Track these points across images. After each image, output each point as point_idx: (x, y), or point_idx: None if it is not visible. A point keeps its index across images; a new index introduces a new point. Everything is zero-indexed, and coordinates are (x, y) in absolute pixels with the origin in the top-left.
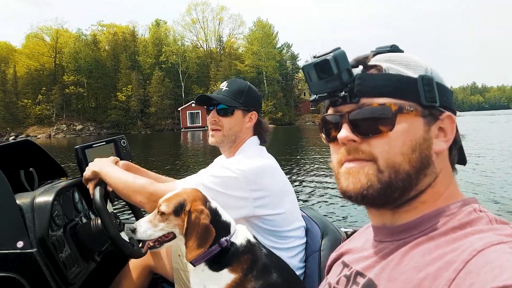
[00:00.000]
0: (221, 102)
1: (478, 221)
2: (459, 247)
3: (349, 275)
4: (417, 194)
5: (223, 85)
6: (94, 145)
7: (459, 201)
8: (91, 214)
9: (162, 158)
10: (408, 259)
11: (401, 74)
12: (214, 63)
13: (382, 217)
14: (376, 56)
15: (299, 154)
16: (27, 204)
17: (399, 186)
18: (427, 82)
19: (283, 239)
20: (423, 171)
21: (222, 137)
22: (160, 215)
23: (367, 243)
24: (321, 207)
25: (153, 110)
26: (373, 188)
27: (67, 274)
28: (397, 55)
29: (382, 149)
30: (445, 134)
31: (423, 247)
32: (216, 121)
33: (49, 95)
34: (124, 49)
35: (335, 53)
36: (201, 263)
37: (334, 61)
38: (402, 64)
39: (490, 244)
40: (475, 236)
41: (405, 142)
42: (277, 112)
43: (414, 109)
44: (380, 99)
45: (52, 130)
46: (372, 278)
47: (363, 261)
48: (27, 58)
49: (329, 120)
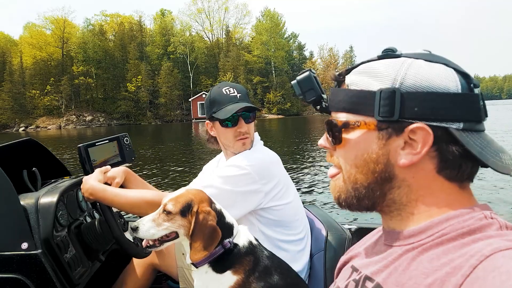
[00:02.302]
0: (255, 108)
1: (488, 227)
2: (467, 252)
3: (358, 279)
4: (400, 206)
5: (232, 91)
6: (97, 144)
7: (469, 207)
8: (95, 213)
9: (183, 149)
10: (416, 264)
11: (360, 89)
12: (223, 54)
13: (390, 221)
14: (355, 69)
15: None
16: (31, 205)
17: (363, 195)
18: (385, 96)
19: (292, 230)
20: (387, 183)
21: (251, 143)
22: (165, 214)
23: (377, 247)
24: (327, 198)
25: (162, 101)
26: (343, 197)
27: (72, 275)
28: (370, 66)
29: (341, 160)
30: (414, 147)
31: (431, 253)
32: (246, 131)
33: (58, 85)
34: (131, 39)
35: (299, 78)
36: (204, 264)
37: (297, 85)
38: (371, 76)
39: (499, 249)
40: (483, 241)
41: (356, 155)
42: (286, 103)
43: (364, 123)
44: (340, 113)
45: (62, 121)
46: (380, 282)
47: (372, 266)
48: (34, 48)
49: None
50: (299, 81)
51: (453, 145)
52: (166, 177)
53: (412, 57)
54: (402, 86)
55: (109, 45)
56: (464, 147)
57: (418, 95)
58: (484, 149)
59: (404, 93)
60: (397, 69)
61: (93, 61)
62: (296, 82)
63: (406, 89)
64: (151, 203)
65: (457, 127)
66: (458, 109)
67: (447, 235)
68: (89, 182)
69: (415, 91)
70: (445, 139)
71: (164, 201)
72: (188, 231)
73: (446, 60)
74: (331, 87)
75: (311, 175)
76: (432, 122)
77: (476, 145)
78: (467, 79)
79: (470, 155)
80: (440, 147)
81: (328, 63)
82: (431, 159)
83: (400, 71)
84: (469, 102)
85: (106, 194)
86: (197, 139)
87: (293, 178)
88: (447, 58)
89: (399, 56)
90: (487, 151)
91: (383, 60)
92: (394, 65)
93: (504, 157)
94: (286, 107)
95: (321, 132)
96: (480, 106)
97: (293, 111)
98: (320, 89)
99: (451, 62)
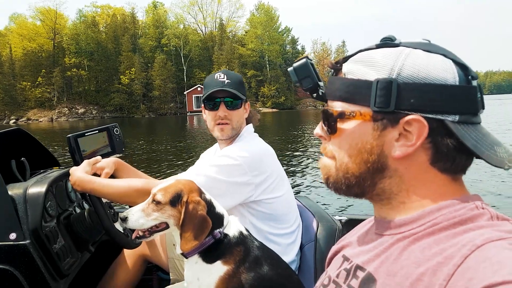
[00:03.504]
0: (240, 97)
1: (479, 217)
2: (458, 242)
3: (349, 268)
4: (391, 195)
5: (222, 77)
6: (86, 134)
7: (461, 198)
8: (85, 204)
9: (179, 142)
10: (407, 254)
11: (357, 78)
12: (217, 47)
13: (381, 209)
14: (352, 57)
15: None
16: (20, 195)
17: (353, 184)
18: (381, 86)
19: (283, 223)
20: (378, 173)
21: (232, 131)
22: (154, 204)
23: (368, 236)
24: (319, 190)
25: (156, 94)
26: (331, 180)
27: (61, 265)
28: (367, 54)
29: (336, 149)
30: (409, 138)
31: (422, 242)
32: (226, 116)
33: (50, 77)
34: (124, 31)
35: (296, 65)
36: (194, 255)
37: (293, 72)
38: (368, 65)
39: (490, 240)
40: (475, 231)
41: (350, 144)
42: (280, 97)
43: (360, 114)
44: (337, 103)
45: (54, 114)
46: (371, 272)
47: (363, 255)
48: (24, 39)
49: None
50: (296, 68)
51: (448, 138)
52: (161, 169)
53: (410, 47)
54: (399, 76)
55: (102, 37)
56: (459, 140)
57: (414, 86)
58: (479, 142)
59: (401, 84)
60: (394, 59)
61: (86, 53)
62: (293, 69)
63: (403, 79)
64: (141, 191)
65: (452, 119)
66: (454, 102)
67: (439, 224)
68: (76, 174)
69: (412, 82)
70: (440, 131)
71: (154, 190)
72: (178, 221)
73: (445, 50)
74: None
75: (302, 167)
76: (427, 114)
77: (471, 138)
78: (465, 70)
79: (464, 148)
80: (435, 139)
81: (320, 57)
82: (425, 150)
83: (398, 61)
84: (466, 94)
85: (94, 185)
86: (192, 132)
87: (285, 170)
88: (446, 49)
89: (398, 45)
90: (482, 144)
91: (381, 49)
92: (391, 55)
93: (499, 150)
94: (280, 100)
95: (313, 125)
96: (477, 99)
97: (287, 105)
98: (317, 77)
99: (450, 52)
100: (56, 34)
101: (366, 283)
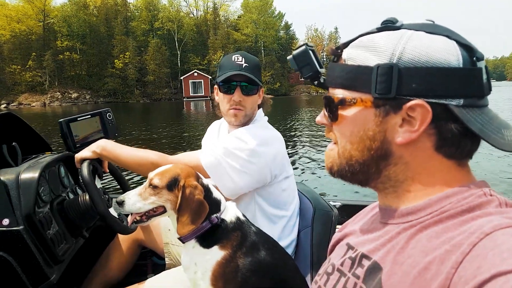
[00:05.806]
0: (257, 82)
1: (487, 204)
2: (467, 230)
3: (354, 257)
4: (396, 183)
5: (240, 59)
6: (79, 119)
7: (468, 185)
8: (78, 189)
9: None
10: (414, 242)
11: (357, 64)
12: (212, 32)
13: (386, 198)
14: (353, 42)
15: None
16: (12, 180)
17: (357, 171)
18: (382, 72)
19: (285, 205)
20: (383, 160)
21: (245, 117)
22: (151, 188)
23: (373, 224)
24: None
25: (151, 79)
26: (335, 169)
27: (56, 251)
28: (368, 39)
29: (338, 136)
30: (413, 124)
31: (430, 230)
32: (240, 101)
33: (41, 61)
34: (116, 14)
35: (295, 53)
36: (191, 239)
37: (293, 60)
38: (368, 50)
39: (499, 227)
40: (483, 218)
41: (352, 131)
42: (275, 83)
43: (361, 101)
44: (337, 90)
45: (46, 98)
46: (377, 260)
47: (369, 244)
48: (12, 21)
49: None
50: (295, 56)
51: (453, 122)
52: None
53: (412, 29)
54: (400, 61)
55: (93, 20)
56: (464, 125)
57: (416, 71)
58: (485, 126)
59: (402, 69)
60: (395, 43)
61: (78, 36)
62: (292, 57)
63: (404, 64)
64: (155, 164)
65: (457, 103)
66: (458, 85)
67: (446, 212)
68: (103, 141)
69: (413, 66)
70: (444, 116)
71: (151, 175)
72: (175, 206)
73: (449, 31)
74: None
75: (300, 154)
76: (431, 98)
77: (477, 121)
78: (471, 52)
79: (470, 132)
80: (439, 124)
81: (315, 42)
82: (429, 136)
83: (399, 45)
84: (470, 77)
85: (116, 147)
86: (189, 118)
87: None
88: (450, 29)
89: (399, 28)
90: (489, 128)
91: (382, 32)
92: (392, 38)
93: (506, 133)
94: (275, 87)
95: (306, 111)
96: (483, 81)
97: (282, 91)
98: (317, 64)
99: (455, 33)
100: (46, 15)
101: (372, 272)
